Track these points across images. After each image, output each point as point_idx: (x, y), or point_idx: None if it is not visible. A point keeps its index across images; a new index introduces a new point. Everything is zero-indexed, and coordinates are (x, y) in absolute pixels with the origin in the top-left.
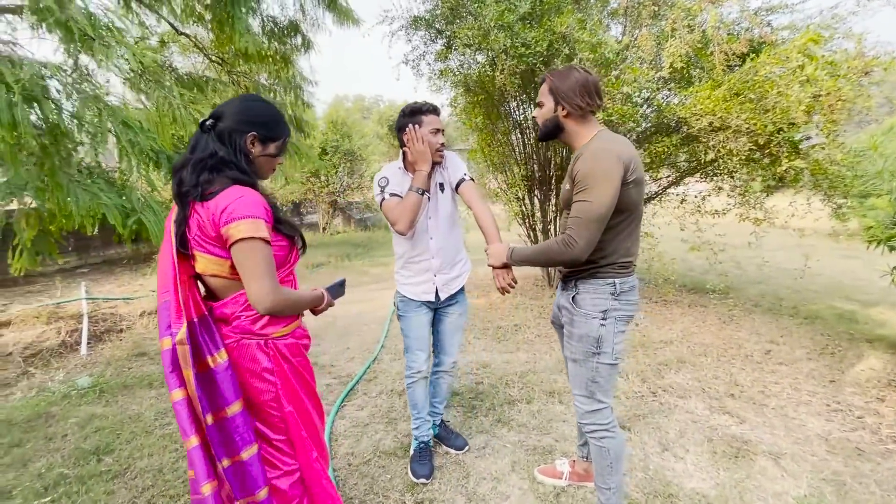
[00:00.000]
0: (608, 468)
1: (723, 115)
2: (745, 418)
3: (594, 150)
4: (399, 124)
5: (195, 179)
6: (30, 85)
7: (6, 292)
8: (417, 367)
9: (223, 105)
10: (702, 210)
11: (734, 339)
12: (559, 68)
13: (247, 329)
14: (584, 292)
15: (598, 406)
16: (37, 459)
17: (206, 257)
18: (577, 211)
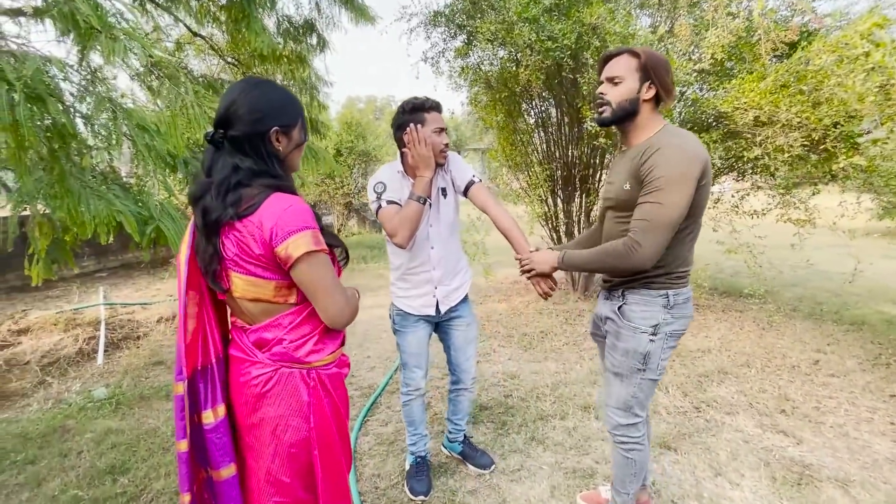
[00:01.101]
0: (631, 476)
1: (770, 109)
2: (802, 438)
3: (672, 147)
4: (398, 122)
5: (223, 204)
6: (33, 83)
7: (26, 297)
8: (415, 386)
9: (224, 107)
10: (739, 210)
11: (777, 348)
12: (642, 48)
13: (288, 356)
14: (634, 303)
15: (634, 420)
16: (51, 479)
17: (243, 279)
18: (645, 213)
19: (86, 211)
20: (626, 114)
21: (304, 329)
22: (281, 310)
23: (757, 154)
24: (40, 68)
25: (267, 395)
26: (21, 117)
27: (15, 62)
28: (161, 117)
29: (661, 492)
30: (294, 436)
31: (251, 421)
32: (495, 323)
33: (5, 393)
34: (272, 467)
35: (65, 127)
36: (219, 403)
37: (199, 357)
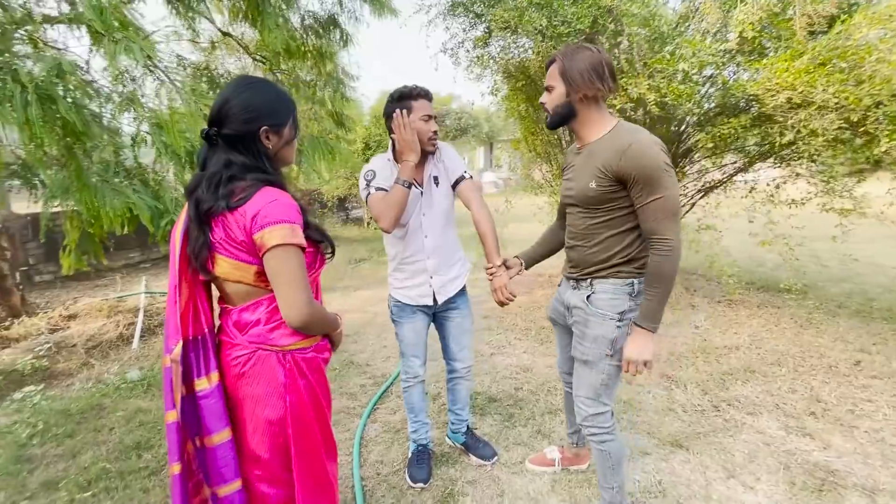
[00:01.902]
0: (610, 470)
1: (805, 90)
2: (830, 443)
3: (639, 143)
4: (386, 110)
5: (214, 196)
6: (44, 83)
7: (79, 286)
8: (413, 373)
9: (218, 106)
10: (775, 200)
11: (814, 347)
12: (569, 47)
13: (264, 338)
14: (602, 292)
15: (602, 409)
16: (84, 452)
17: (228, 262)
18: (656, 210)
19: (103, 204)
20: (562, 117)
21: (279, 319)
22: (261, 294)
23: (790, 138)
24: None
25: (245, 375)
26: (33, 116)
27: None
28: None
29: (667, 491)
30: (271, 414)
31: (236, 397)
32: (514, 315)
33: (54, 373)
34: (252, 442)
35: (75, 125)
36: (212, 371)
37: (190, 327)
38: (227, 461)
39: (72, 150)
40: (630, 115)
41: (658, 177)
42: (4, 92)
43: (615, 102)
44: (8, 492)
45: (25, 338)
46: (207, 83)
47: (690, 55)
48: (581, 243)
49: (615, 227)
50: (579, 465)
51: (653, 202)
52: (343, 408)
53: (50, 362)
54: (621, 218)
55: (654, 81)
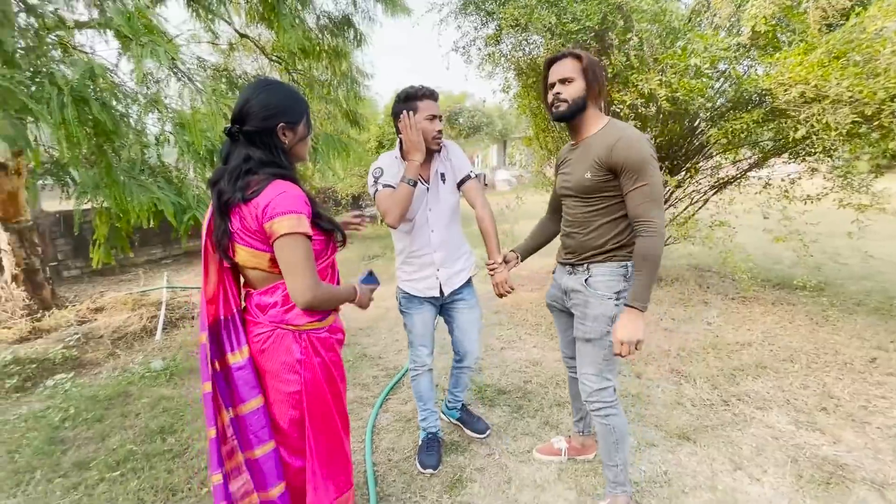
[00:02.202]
0: (614, 445)
1: (818, 84)
2: (841, 438)
3: (629, 136)
4: (394, 110)
5: (233, 188)
6: (78, 86)
7: (105, 280)
8: (421, 362)
9: (240, 105)
10: (790, 195)
11: (829, 344)
12: (579, 50)
13: (282, 319)
14: (599, 275)
15: (605, 384)
16: (113, 435)
17: (245, 250)
18: (643, 196)
19: (130, 200)
20: (578, 109)
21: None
22: (277, 279)
23: (803, 133)
24: (85, 74)
25: (265, 351)
26: (69, 117)
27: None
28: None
29: (672, 482)
30: (288, 387)
31: (260, 370)
32: (524, 311)
33: (83, 361)
34: (273, 412)
35: (105, 125)
36: (243, 345)
37: (220, 309)
38: (260, 425)
39: (102, 148)
40: (641, 110)
41: (643, 167)
42: (42, 94)
43: (626, 98)
44: (44, 470)
45: (56, 329)
46: (226, 84)
47: (702, 50)
48: (578, 230)
49: (608, 215)
50: (586, 455)
51: (638, 189)
52: (356, 398)
53: (79, 352)
54: (613, 206)
55: (664, 77)
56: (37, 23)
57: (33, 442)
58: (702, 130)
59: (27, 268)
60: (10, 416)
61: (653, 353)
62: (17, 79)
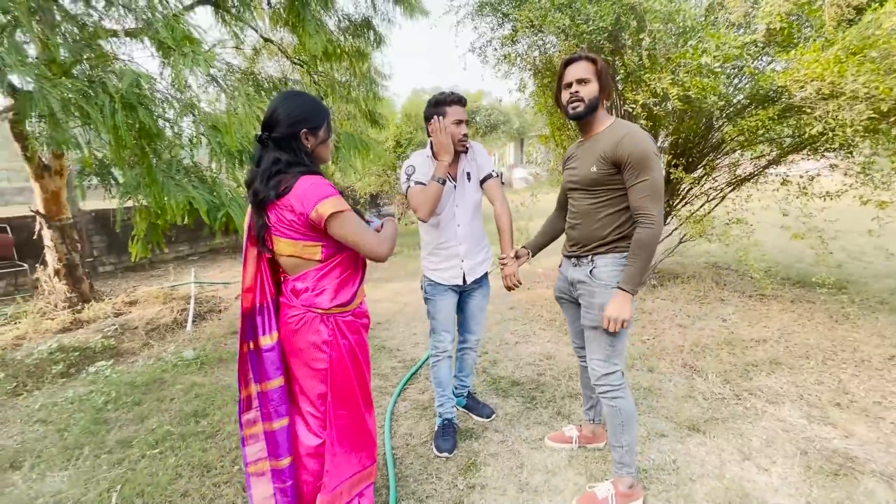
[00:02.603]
0: (620, 427)
1: (834, 80)
2: (853, 432)
3: (634, 132)
4: (425, 114)
5: (266, 187)
6: (127, 94)
7: (136, 276)
8: (444, 347)
9: (269, 114)
10: (808, 192)
11: (847, 341)
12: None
13: (312, 303)
14: (603, 266)
15: (612, 369)
16: (151, 417)
17: (282, 241)
18: (643, 190)
19: (168, 198)
20: (592, 108)
21: (324, 283)
22: (309, 265)
23: (819, 130)
24: (133, 82)
25: (298, 332)
26: (119, 122)
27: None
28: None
29: (681, 470)
30: (317, 364)
31: (292, 349)
32: (539, 307)
33: (120, 351)
34: (303, 384)
35: (150, 128)
36: (274, 330)
37: (256, 297)
38: (281, 402)
39: (144, 150)
40: (654, 110)
41: (646, 162)
42: (96, 102)
43: (638, 98)
44: (91, 447)
45: (94, 320)
46: (254, 87)
47: (714, 49)
48: (582, 221)
49: (612, 207)
50: (596, 444)
51: (640, 183)
52: (376, 387)
53: (116, 341)
54: (617, 199)
55: (676, 76)
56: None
57: (80, 422)
58: (718, 128)
59: (68, 263)
60: (58, 398)
61: (666, 349)
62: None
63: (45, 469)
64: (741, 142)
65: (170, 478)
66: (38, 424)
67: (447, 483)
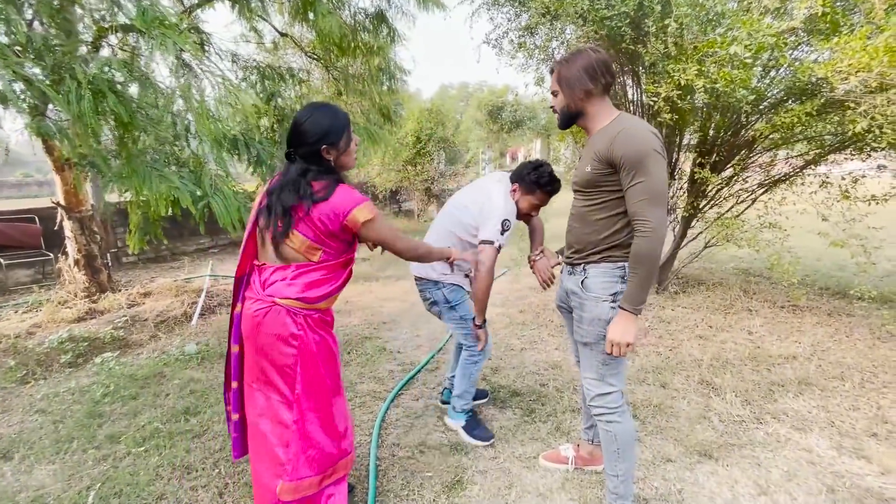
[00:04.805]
0: (615, 454)
1: (883, 71)
2: (892, 469)
3: (630, 129)
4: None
5: (296, 195)
6: (96, 80)
7: (157, 267)
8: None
9: (292, 130)
10: (851, 196)
11: (890, 362)
12: (568, 53)
13: (278, 292)
14: (595, 276)
15: (607, 389)
16: (143, 412)
17: (299, 236)
18: (639, 193)
19: (150, 189)
20: (568, 118)
21: (300, 279)
22: (298, 260)
23: (864, 126)
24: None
25: (262, 324)
26: (85, 109)
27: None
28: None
29: (686, 501)
30: (284, 359)
31: (254, 345)
32: (550, 311)
33: (127, 342)
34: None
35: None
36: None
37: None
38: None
39: (123, 140)
40: (678, 103)
41: (642, 161)
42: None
43: (661, 90)
44: (80, 441)
45: (109, 311)
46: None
47: (745, 37)
48: (578, 225)
49: (606, 211)
50: (594, 466)
51: (636, 185)
52: (370, 391)
53: (126, 333)
54: (612, 202)
55: (704, 67)
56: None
57: (76, 414)
58: (749, 124)
59: (87, 253)
60: (61, 388)
61: (683, 362)
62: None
63: (34, 461)
64: (776, 140)
65: (150, 478)
66: (37, 414)
67: (429, 501)
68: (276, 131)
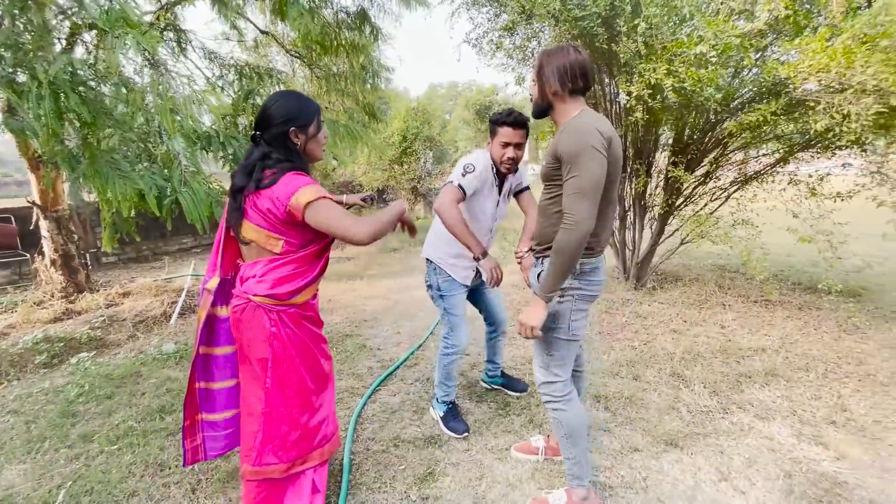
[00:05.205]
0: (564, 439)
1: (840, 72)
2: (846, 454)
3: (574, 125)
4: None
5: (245, 179)
6: (57, 79)
7: (138, 267)
8: (463, 346)
9: (260, 114)
10: (818, 193)
11: (854, 354)
12: (555, 47)
13: (251, 289)
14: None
15: (552, 378)
16: (118, 411)
17: (251, 226)
18: (568, 188)
19: (113, 188)
20: (541, 109)
21: (271, 274)
22: (264, 255)
23: (825, 125)
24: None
25: (241, 321)
26: (46, 109)
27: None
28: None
29: (650, 489)
30: (260, 354)
31: (238, 335)
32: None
33: (105, 343)
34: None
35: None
36: (227, 305)
37: (227, 270)
38: (228, 365)
39: (87, 140)
40: (649, 103)
41: (578, 158)
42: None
43: (632, 90)
44: (52, 440)
45: (86, 311)
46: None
47: (712, 37)
48: (541, 218)
49: (558, 205)
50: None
51: (570, 179)
52: (348, 387)
53: (103, 333)
54: (561, 196)
55: (672, 66)
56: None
57: (49, 414)
58: (719, 123)
59: (64, 253)
60: (34, 389)
61: (656, 356)
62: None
63: (3, 462)
64: (747, 139)
65: (122, 476)
66: (9, 415)
67: (400, 494)
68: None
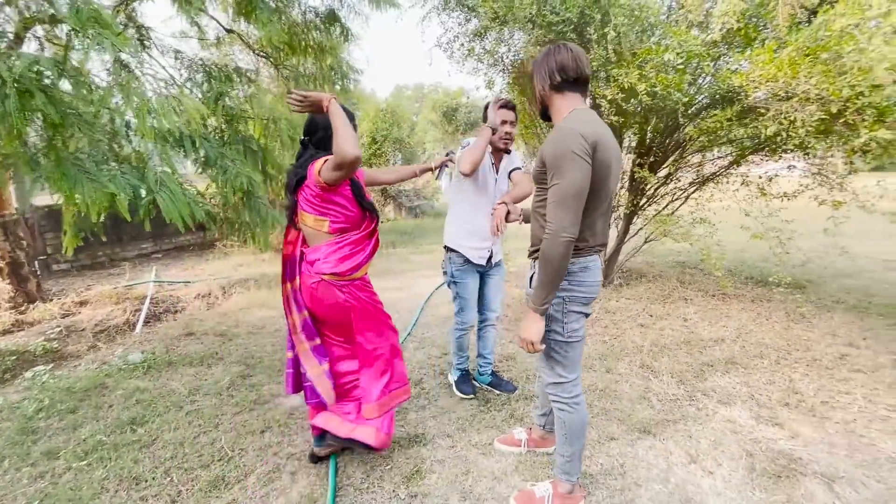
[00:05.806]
0: (564, 438)
1: (787, 81)
2: (799, 433)
3: (559, 129)
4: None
5: (294, 176)
6: (23, 78)
7: (93, 274)
8: (471, 322)
9: (307, 121)
10: (766, 193)
11: (801, 341)
12: (552, 45)
13: (320, 270)
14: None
15: (559, 379)
16: (84, 425)
17: (306, 215)
18: (550, 195)
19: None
20: (542, 109)
21: (332, 256)
22: (320, 238)
23: (774, 130)
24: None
25: (316, 296)
26: (11, 109)
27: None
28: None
29: (627, 474)
30: (339, 318)
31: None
32: (506, 307)
33: (63, 354)
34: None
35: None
36: (296, 278)
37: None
38: (309, 328)
39: (52, 141)
40: (622, 106)
41: (559, 164)
42: None
43: (606, 94)
44: (13, 459)
45: (39, 322)
46: (205, 77)
47: (676, 45)
48: (533, 221)
49: (545, 208)
50: (545, 448)
51: (552, 186)
52: None
53: (60, 345)
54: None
55: (644, 71)
56: None
57: (6, 432)
58: (679, 127)
59: (12, 261)
60: None
61: (626, 349)
62: None
63: None
64: (703, 142)
65: (94, 492)
66: None
67: (388, 492)
68: (224, 132)
